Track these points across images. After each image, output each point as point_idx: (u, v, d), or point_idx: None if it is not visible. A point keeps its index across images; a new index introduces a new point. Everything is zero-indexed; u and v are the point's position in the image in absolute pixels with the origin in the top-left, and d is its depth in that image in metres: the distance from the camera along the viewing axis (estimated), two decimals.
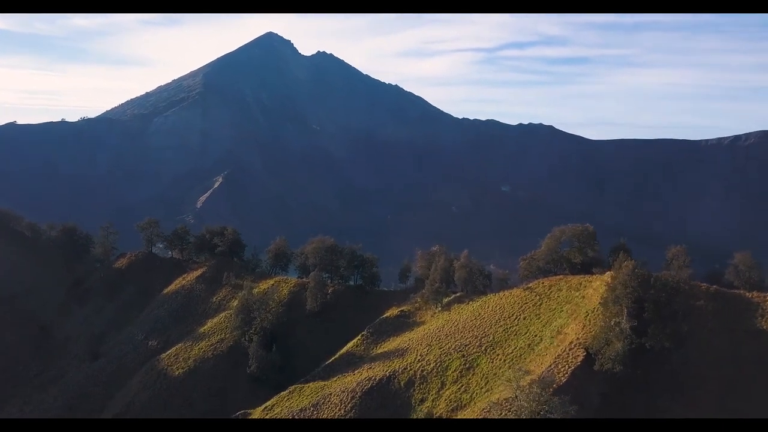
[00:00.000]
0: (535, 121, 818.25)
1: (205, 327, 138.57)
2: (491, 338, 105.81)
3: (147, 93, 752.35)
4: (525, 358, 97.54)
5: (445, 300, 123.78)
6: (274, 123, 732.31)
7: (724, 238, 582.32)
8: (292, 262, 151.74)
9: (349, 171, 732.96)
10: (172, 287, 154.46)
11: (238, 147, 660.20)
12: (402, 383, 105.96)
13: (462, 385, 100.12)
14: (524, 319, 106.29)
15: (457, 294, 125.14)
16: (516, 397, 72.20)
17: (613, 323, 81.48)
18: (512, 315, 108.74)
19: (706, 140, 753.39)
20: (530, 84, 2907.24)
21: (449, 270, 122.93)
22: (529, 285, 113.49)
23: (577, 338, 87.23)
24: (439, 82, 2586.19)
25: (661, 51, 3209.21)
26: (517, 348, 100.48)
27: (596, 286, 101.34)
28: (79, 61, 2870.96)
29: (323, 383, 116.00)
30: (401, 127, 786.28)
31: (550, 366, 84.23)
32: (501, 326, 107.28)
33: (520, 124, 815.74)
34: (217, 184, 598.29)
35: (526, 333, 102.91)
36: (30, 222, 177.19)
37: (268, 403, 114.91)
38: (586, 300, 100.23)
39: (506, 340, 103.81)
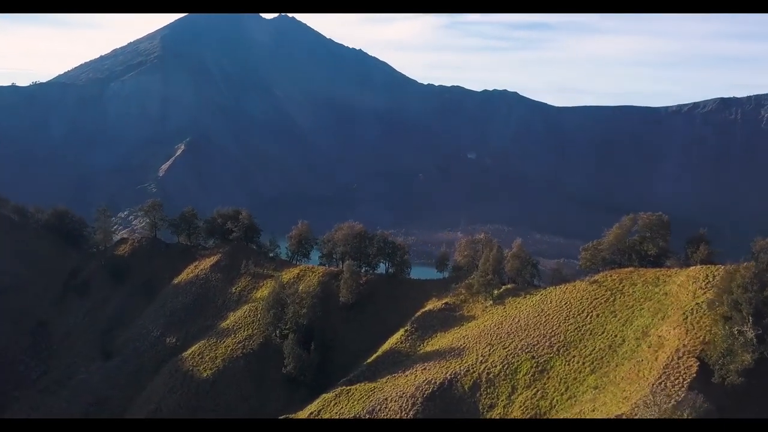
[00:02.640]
0: (500, 88, 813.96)
1: (227, 321, 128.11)
2: (562, 337, 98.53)
3: (102, 56, 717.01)
4: (608, 362, 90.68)
5: (495, 292, 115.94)
6: (236, 88, 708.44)
7: (683, 204, 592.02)
8: (315, 249, 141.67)
9: (313, 138, 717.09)
10: (183, 276, 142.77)
11: (200, 113, 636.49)
12: (466, 387, 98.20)
13: (537, 390, 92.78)
14: (597, 316, 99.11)
15: (508, 286, 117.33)
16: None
17: (736, 331, 74.54)
18: (582, 311, 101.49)
19: (666, 107, 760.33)
20: (493, 50, 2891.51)
21: (501, 260, 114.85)
22: (596, 278, 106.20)
23: (683, 345, 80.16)
24: (403, 47, 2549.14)
25: (621, 18, 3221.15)
26: (596, 350, 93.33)
27: (681, 282, 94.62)
28: (26, 21, 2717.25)
29: (372, 385, 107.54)
30: (366, 93, 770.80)
31: (660, 377, 77.08)
32: (571, 324, 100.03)
33: (485, 90, 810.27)
34: (179, 152, 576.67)
35: (602, 333, 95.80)
36: (17, 204, 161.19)
37: (312, 408, 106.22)
38: (671, 297, 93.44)
39: (581, 340, 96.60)
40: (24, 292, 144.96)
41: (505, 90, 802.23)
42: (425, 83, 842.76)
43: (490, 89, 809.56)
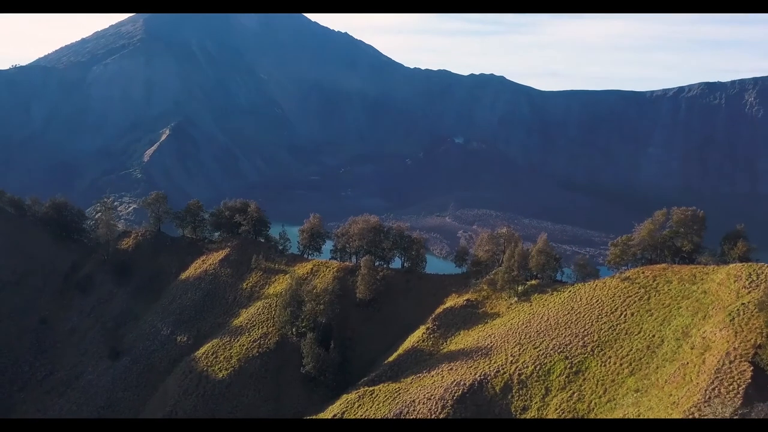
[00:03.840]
0: (486, 72, 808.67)
1: (240, 319, 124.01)
2: (596, 337, 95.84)
3: (83, 39, 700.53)
4: (647, 363, 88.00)
5: (520, 289, 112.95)
6: (221, 72, 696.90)
7: (667, 188, 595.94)
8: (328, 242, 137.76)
9: (299, 122, 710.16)
10: (191, 271, 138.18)
11: (184, 98, 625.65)
12: (497, 389, 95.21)
13: (573, 392, 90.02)
14: (632, 315, 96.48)
15: (532, 282, 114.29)
16: None
17: None
18: (615, 310, 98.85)
19: (652, 92, 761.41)
20: (479, 33, 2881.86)
21: (527, 255, 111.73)
22: (627, 275, 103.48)
23: (734, 348, 77.53)
24: (389, 30, 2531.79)
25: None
26: (634, 350, 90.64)
27: (720, 280, 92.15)
28: None
29: (396, 386, 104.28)
30: (352, 76, 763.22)
31: (713, 382, 74.44)
32: (605, 323, 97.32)
33: (472, 74, 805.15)
34: (164, 137, 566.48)
35: (639, 332, 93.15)
36: (12, 196, 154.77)
37: (335, 409, 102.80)
38: (711, 296, 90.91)
39: (616, 340, 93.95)
40: (23, 289, 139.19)
41: (492, 74, 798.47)
42: (411, 67, 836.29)
43: (477, 73, 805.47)
